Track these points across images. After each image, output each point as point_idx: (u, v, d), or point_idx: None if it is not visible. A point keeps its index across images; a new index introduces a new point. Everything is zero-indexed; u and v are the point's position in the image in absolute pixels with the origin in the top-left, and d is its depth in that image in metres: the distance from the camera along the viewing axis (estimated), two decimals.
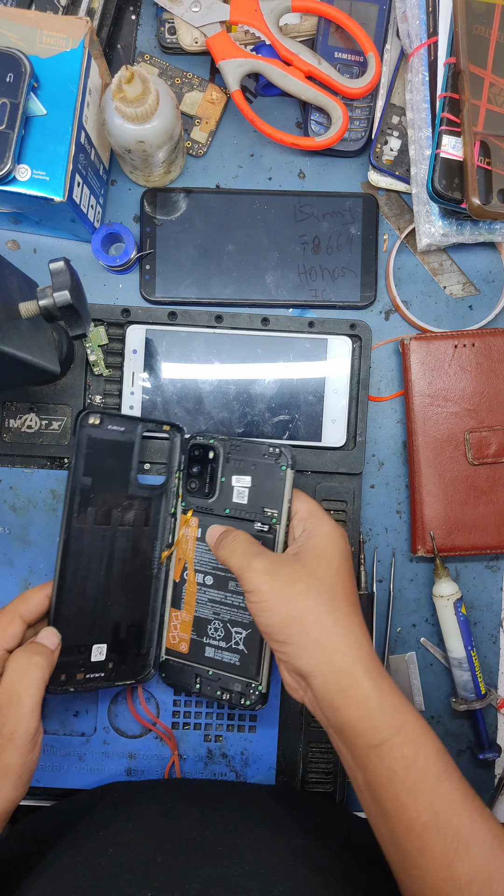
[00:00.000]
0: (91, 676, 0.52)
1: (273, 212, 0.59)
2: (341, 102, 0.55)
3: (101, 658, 0.52)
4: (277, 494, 0.51)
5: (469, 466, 0.58)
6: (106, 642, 0.53)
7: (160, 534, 0.56)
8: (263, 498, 0.52)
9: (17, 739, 0.42)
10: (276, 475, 0.51)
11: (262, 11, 0.54)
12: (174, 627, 0.55)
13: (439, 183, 0.52)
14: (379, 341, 0.60)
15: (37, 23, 0.49)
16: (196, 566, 0.55)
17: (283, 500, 0.51)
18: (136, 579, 0.55)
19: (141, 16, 0.60)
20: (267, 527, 0.51)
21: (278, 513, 0.51)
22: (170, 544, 0.56)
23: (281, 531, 0.51)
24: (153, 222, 0.59)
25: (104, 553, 0.53)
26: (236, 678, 0.53)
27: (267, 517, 0.51)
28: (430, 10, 0.53)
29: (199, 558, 0.55)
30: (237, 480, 0.53)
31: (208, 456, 0.54)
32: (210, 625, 0.54)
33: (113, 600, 0.53)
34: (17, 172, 0.49)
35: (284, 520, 0.51)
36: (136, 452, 0.55)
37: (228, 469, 0.53)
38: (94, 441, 0.52)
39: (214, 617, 0.54)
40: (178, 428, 0.56)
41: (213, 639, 0.54)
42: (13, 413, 0.58)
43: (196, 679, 0.54)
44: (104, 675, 0.53)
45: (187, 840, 0.45)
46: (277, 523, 0.51)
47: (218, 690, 0.53)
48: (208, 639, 0.54)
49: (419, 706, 0.59)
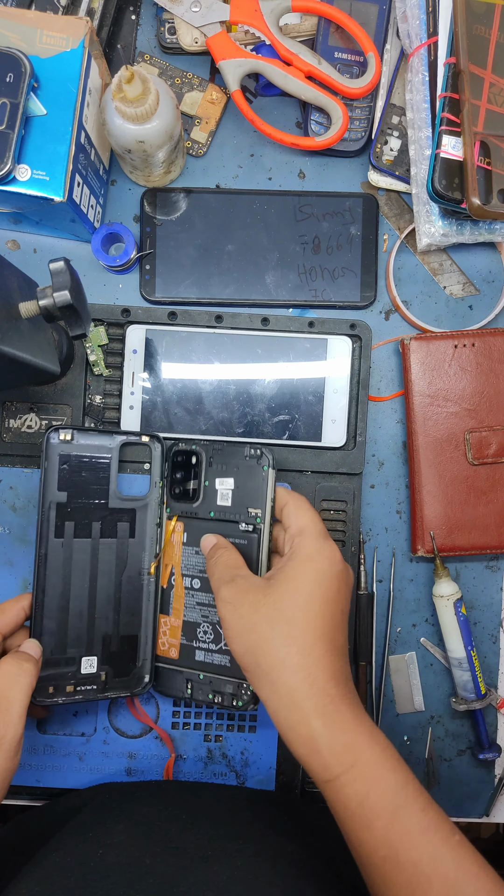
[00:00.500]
0: (82, 689, 0.53)
1: (273, 212, 0.59)
2: (341, 102, 0.55)
3: (91, 670, 0.53)
4: (260, 494, 0.52)
5: (469, 466, 0.58)
6: (96, 655, 0.54)
7: (147, 545, 0.56)
8: (247, 498, 0.52)
9: (5, 744, 0.43)
10: (258, 476, 0.52)
11: (262, 11, 0.54)
12: (163, 633, 0.55)
13: (439, 183, 0.52)
14: (379, 341, 0.60)
15: (37, 23, 0.49)
16: (183, 570, 0.55)
17: (266, 500, 0.52)
18: (124, 592, 0.55)
19: (141, 16, 0.60)
20: (251, 526, 0.52)
21: (262, 512, 0.52)
22: (157, 554, 0.56)
23: (265, 530, 0.51)
24: (153, 222, 0.59)
25: (86, 566, 0.54)
26: (227, 679, 0.53)
27: (251, 517, 0.52)
28: (430, 10, 0.53)
29: (186, 562, 0.55)
30: (220, 483, 0.54)
31: (191, 461, 0.55)
32: (199, 628, 0.54)
33: (101, 613, 0.54)
34: (17, 172, 0.49)
35: (268, 518, 0.52)
36: (114, 465, 0.55)
37: (211, 472, 0.54)
38: (68, 457, 0.54)
39: (203, 620, 0.54)
40: (156, 438, 0.57)
41: (203, 642, 0.54)
42: (13, 413, 0.58)
43: (187, 684, 0.54)
44: (97, 687, 0.54)
45: (177, 843, 0.45)
46: (262, 522, 0.52)
47: (210, 693, 0.53)
48: (198, 642, 0.54)
49: (419, 706, 0.59)
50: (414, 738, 0.60)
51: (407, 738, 0.60)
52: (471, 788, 0.60)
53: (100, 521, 0.55)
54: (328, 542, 0.46)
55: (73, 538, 0.54)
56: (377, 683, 0.59)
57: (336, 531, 0.58)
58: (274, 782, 0.58)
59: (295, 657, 0.42)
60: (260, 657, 0.43)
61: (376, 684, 0.59)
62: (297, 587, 0.44)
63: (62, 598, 0.53)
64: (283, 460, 0.58)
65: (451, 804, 0.60)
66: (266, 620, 0.43)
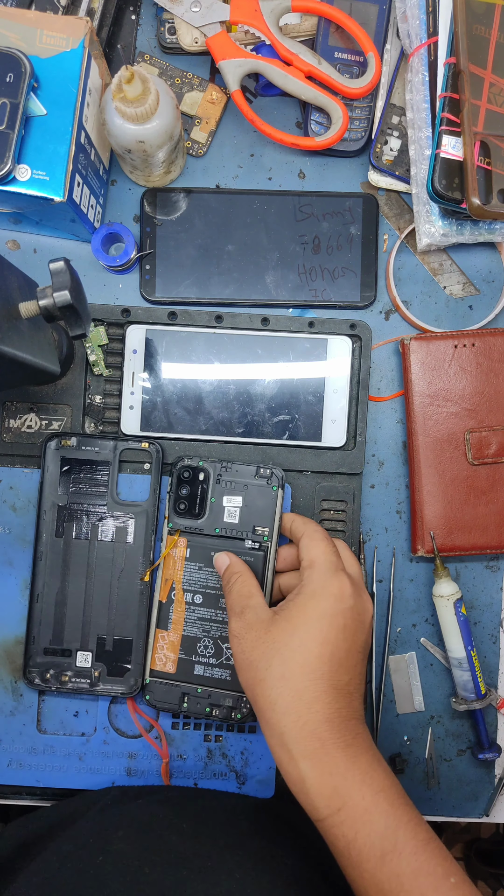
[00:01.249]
0: (76, 681, 0.55)
1: (273, 212, 0.59)
2: (341, 102, 0.55)
3: (86, 665, 0.56)
4: (269, 513, 0.54)
5: (469, 466, 0.58)
6: (91, 651, 0.56)
7: (143, 551, 0.56)
8: (255, 517, 0.54)
9: None
10: (267, 495, 0.54)
11: (262, 11, 0.54)
12: (160, 648, 0.55)
13: (439, 183, 0.52)
14: (379, 341, 0.60)
15: (37, 23, 0.49)
16: (184, 586, 0.55)
17: (275, 519, 0.54)
18: (120, 595, 0.56)
19: (141, 16, 0.60)
20: (258, 544, 0.53)
21: (270, 531, 0.54)
22: (152, 561, 0.56)
23: (272, 548, 0.53)
24: (153, 222, 0.59)
25: (83, 566, 0.56)
26: (227, 693, 0.54)
27: (258, 535, 0.54)
28: (430, 10, 0.53)
29: (188, 578, 0.55)
30: (228, 501, 0.54)
31: (198, 477, 0.55)
32: (199, 643, 0.55)
33: (97, 613, 0.56)
34: (17, 172, 0.49)
35: (275, 537, 0.54)
36: (114, 470, 0.56)
37: (219, 490, 0.55)
38: (68, 461, 0.56)
39: (204, 635, 0.55)
40: (157, 444, 0.57)
41: (203, 656, 0.55)
42: (13, 413, 0.58)
43: (183, 698, 0.55)
44: (90, 682, 0.56)
45: (177, 853, 0.45)
46: (269, 541, 0.53)
47: (207, 707, 0.54)
48: (197, 657, 0.55)
49: (419, 706, 0.59)
50: (414, 738, 0.60)
51: (407, 738, 0.60)
52: (471, 788, 0.60)
53: (98, 525, 0.56)
54: (337, 577, 0.45)
55: (72, 538, 0.56)
56: (377, 683, 0.59)
57: (336, 531, 0.58)
58: (274, 782, 0.58)
59: (286, 699, 0.42)
60: (256, 694, 0.43)
61: (376, 684, 0.59)
62: (297, 625, 0.43)
63: (60, 594, 0.56)
64: (284, 460, 0.58)
65: (451, 804, 0.60)
66: (263, 658, 0.43)
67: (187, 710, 0.54)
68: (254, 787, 0.58)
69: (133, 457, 0.57)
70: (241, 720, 0.53)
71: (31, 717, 0.57)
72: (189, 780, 0.57)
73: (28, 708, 0.57)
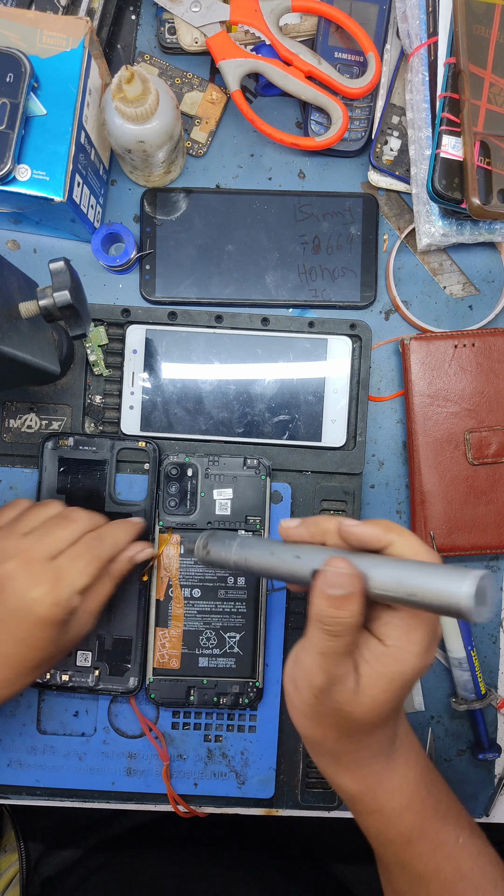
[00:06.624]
0: (76, 679, 0.56)
1: (273, 212, 0.59)
2: (341, 102, 0.55)
3: (86, 664, 0.56)
4: (259, 502, 0.56)
5: (469, 466, 0.58)
6: (90, 650, 0.56)
7: None
8: (246, 507, 0.56)
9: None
10: (256, 485, 0.56)
11: (262, 11, 0.54)
12: (162, 646, 0.56)
13: (439, 183, 0.52)
14: (379, 341, 0.60)
15: (37, 23, 0.49)
16: (182, 581, 0.56)
17: (266, 507, 0.56)
18: (119, 594, 0.56)
19: (141, 16, 0.60)
20: (251, 533, 0.55)
21: (261, 518, 0.56)
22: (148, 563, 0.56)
23: (264, 534, 0.55)
24: (153, 222, 0.59)
25: None
26: (233, 681, 0.55)
27: (250, 525, 0.56)
28: (430, 10, 0.53)
29: (185, 573, 0.56)
30: (219, 494, 0.56)
31: (186, 473, 0.56)
32: (202, 635, 0.55)
33: None
34: (17, 172, 0.49)
35: (267, 523, 0.56)
36: (111, 470, 0.56)
37: (207, 484, 0.56)
38: (65, 461, 0.56)
39: (205, 627, 0.55)
40: (154, 443, 0.57)
41: (206, 648, 0.55)
42: (13, 413, 0.58)
43: (189, 692, 0.55)
44: (90, 681, 0.56)
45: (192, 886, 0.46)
46: (261, 528, 0.56)
47: (214, 697, 0.55)
48: (201, 649, 0.55)
49: (419, 706, 0.59)
50: None
51: None
52: (471, 788, 0.60)
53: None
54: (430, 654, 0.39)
55: None
56: None
57: None
58: (273, 782, 0.58)
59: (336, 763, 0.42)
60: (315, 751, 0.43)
61: None
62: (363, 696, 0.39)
63: None
64: (283, 460, 0.58)
65: None
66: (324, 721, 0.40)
67: (195, 703, 0.55)
68: (254, 787, 0.58)
69: (132, 457, 0.57)
70: (250, 704, 0.54)
71: (31, 716, 0.57)
72: (189, 780, 0.57)
73: (28, 708, 0.57)
